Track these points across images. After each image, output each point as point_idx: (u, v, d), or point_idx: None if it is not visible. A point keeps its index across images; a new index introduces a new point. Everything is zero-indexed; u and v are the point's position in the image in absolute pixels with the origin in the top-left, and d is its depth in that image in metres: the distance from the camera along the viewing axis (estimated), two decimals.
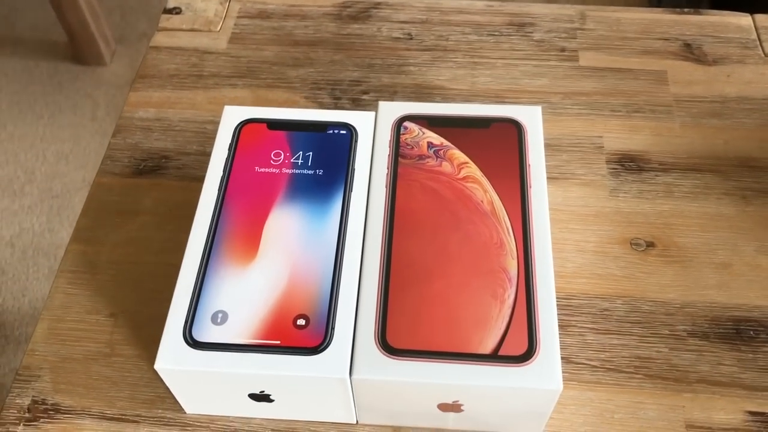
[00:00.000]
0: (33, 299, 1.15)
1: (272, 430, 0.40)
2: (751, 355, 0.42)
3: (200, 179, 0.50)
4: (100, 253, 0.47)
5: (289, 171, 0.42)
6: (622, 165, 0.50)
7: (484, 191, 0.41)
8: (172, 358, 0.36)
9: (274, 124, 0.44)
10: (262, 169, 0.42)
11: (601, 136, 0.52)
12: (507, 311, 0.36)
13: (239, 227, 0.40)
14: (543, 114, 0.53)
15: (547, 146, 0.51)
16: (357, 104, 0.54)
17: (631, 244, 0.47)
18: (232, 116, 0.45)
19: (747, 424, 0.40)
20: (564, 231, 0.47)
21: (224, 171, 0.42)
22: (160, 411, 0.41)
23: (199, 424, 0.40)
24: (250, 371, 0.35)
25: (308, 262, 0.38)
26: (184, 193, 0.50)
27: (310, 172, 0.42)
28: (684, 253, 0.46)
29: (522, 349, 0.35)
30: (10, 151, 1.34)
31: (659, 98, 0.54)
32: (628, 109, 0.54)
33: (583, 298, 0.44)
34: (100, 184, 0.51)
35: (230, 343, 0.36)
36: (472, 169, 0.42)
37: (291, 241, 0.39)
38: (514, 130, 0.43)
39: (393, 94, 0.55)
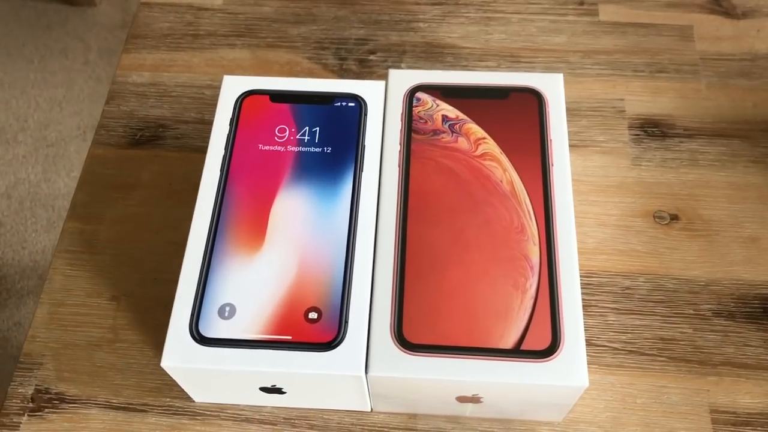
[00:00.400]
0: (33, 252, 1.14)
1: (284, 418, 0.39)
2: None
3: (200, 150, 0.47)
4: (98, 232, 0.45)
5: (295, 149, 0.39)
6: (645, 131, 0.48)
7: (504, 170, 0.38)
8: (179, 356, 0.34)
9: (277, 96, 0.41)
10: (266, 147, 0.40)
11: (622, 99, 0.49)
12: (529, 302, 0.35)
13: (244, 212, 0.37)
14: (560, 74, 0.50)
15: (567, 111, 0.48)
16: (364, 66, 0.51)
17: (654, 217, 0.45)
18: (232, 87, 0.42)
19: None
20: (584, 203, 0.45)
21: (226, 149, 0.39)
22: (168, 399, 0.40)
23: (209, 413, 0.39)
24: (260, 369, 0.34)
25: (318, 249, 0.36)
26: (184, 165, 0.47)
27: (317, 149, 0.39)
28: (709, 227, 0.44)
29: (545, 343, 0.34)
30: (0, 98, 1.30)
31: (684, 56, 0.51)
32: (652, 69, 0.50)
33: (604, 275, 0.43)
34: (94, 156, 0.48)
35: (239, 339, 0.34)
36: (490, 146, 0.39)
37: (299, 227, 0.37)
38: (534, 100, 0.41)
39: (402, 54, 0.52)
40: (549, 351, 0.33)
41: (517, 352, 0.33)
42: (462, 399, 0.36)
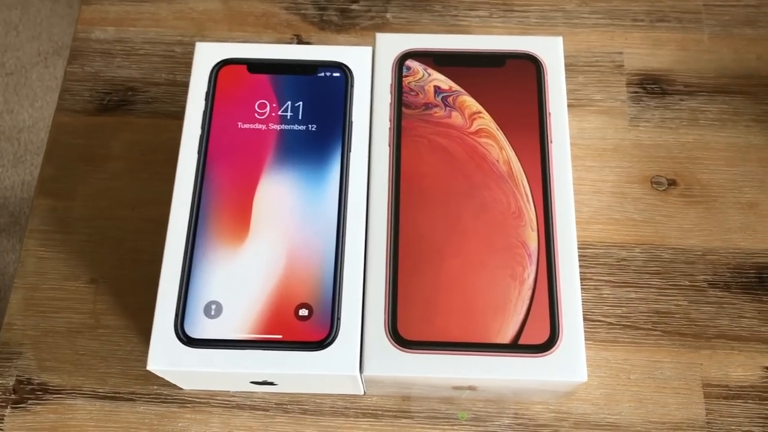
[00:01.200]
0: (2, 188, 1.10)
1: (276, 403, 0.38)
2: None
3: (173, 116, 0.44)
4: (71, 209, 0.43)
5: (277, 127, 0.37)
6: (644, 88, 0.45)
7: (500, 148, 0.36)
8: (166, 358, 0.33)
9: (255, 66, 0.38)
10: (247, 125, 0.37)
11: (621, 52, 0.46)
12: (527, 293, 0.33)
13: (226, 201, 0.35)
14: (557, 27, 0.47)
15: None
16: (346, 16, 0.48)
17: (651, 182, 0.43)
18: (205, 56, 0.38)
19: (764, 380, 0.39)
20: (580, 169, 0.43)
21: (203, 128, 0.37)
22: (155, 387, 0.39)
23: (198, 400, 0.38)
24: (251, 370, 0.32)
25: (306, 240, 0.34)
26: (157, 133, 0.44)
27: (301, 127, 0.37)
28: (708, 192, 0.43)
29: (544, 336, 0.33)
30: None
31: (687, 3, 0.48)
32: (652, 18, 0.47)
33: (599, 246, 0.42)
34: (60, 124, 0.45)
35: (227, 339, 0.33)
36: (486, 121, 0.37)
37: (285, 215, 0.35)
38: (532, 68, 0.38)
39: (386, 3, 0.48)
40: (547, 345, 0.33)
41: (515, 346, 0.33)
42: (458, 388, 0.35)
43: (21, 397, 0.38)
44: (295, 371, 0.32)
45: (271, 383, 0.35)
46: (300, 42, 0.47)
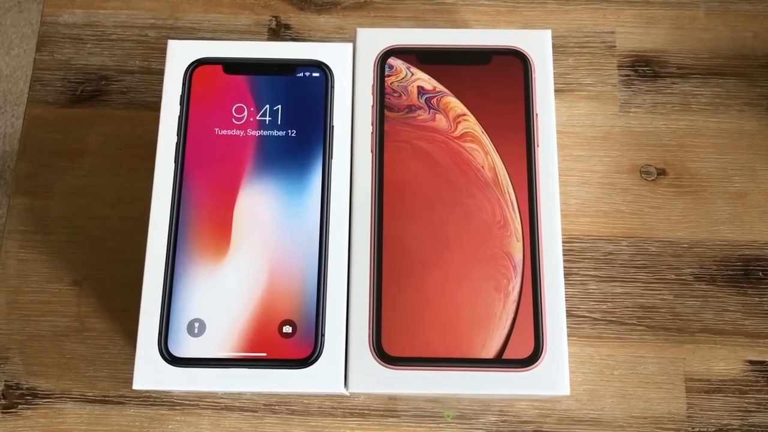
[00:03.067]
0: None
1: (264, 404, 0.39)
2: (756, 299, 0.40)
3: (149, 106, 0.43)
4: (48, 208, 0.42)
5: (256, 133, 0.36)
6: (636, 70, 0.44)
7: (485, 153, 0.35)
8: (151, 378, 0.33)
9: (231, 67, 0.37)
10: (224, 131, 0.36)
11: (613, 32, 0.45)
12: (512, 306, 0.33)
13: (205, 213, 0.34)
14: (548, 4, 0.45)
15: (553, 48, 0.44)
16: None
17: (641, 172, 0.42)
18: (178, 55, 0.37)
19: (746, 374, 0.39)
20: (568, 159, 0.42)
21: (179, 135, 0.35)
22: (145, 390, 0.39)
23: (187, 402, 0.39)
24: (235, 389, 0.33)
25: (288, 253, 0.34)
26: (133, 126, 0.43)
27: (280, 133, 0.36)
28: (697, 182, 0.42)
29: (528, 350, 0.33)
30: None
31: None
32: None
33: (586, 240, 0.41)
34: (33, 117, 0.43)
35: (211, 358, 0.33)
36: (471, 124, 0.36)
37: (267, 227, 0.34)
38: (519, 65, 0.37)
39: None
40: (531, 359, 0.33)
41: (499, 361, 0.33)
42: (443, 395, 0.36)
43: (11, 402, 0.39)
44: (280, 389, 0.32)
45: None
46: (279, 24, 0.45)
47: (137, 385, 0.33)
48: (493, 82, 0.36)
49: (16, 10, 1.15)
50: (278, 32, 0.45)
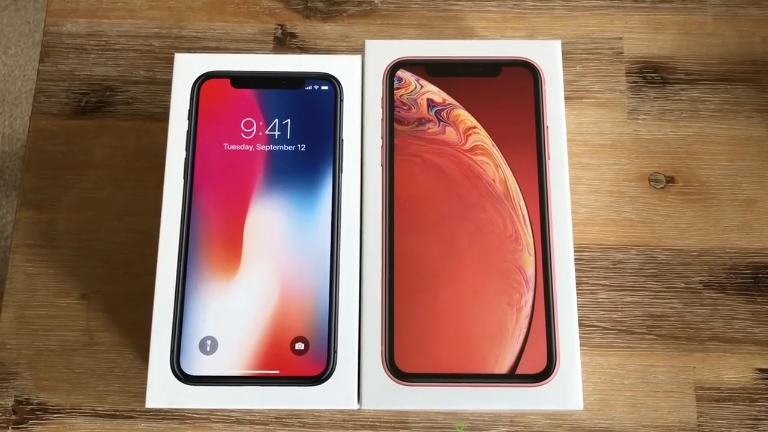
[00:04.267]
0: None
1: (275, 417, 0.39)
2: (766, 307, 0.40)
3: (155, 117, 0.43)
4: (55, 221, 0.41)
5: (265, 147, 0.35)
6: (644, 77, 0.44)
7: (496, 167, 0.35)
8: (164, 396, 0.33)
9: (239, 80, 0.36)
10: (233, 147, 0.35)
11: (620, 38, 0.44)
12: (524, 321, 0.33)
13: (216, 230, 0.34)
14: (555, 10, 0.45)
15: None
16: (332, 3, 0.45)
17: (649, 180, 0.42)
18: (185, 68, 0.36)
19: (755, 382, 0.39)
20: (577, 167, 0.42)
21: (187, 151, 0.35)
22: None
23: (198, 416, 0.39)
24: (249, 407, 0.33)
25: (300, 270, 0.34)
26: (139, 138, 0.43)
27: (290, 148, 0.35)
28: (706, 189, 0.42)
29: (541, 365, 0.33)
30: None
31: None
32: None
33: (596, 249, 0.41)
34: (38, 129, 0.43)
35: (224, 376, 0.33)
36: (481, 136, 0.35)
37: (277, 244, 0.34)
38: (528, 77, 0.36)
39: None
40: (544, 374, 0.33)
41: (512, 376, 0.33)
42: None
43: (21, 418, 0.39)
44: (293, 406, 0.32)
45: None
46: (284, 33, 0.44)
47: (150, 403, 0.33)
48: (503, 94, 0.36)
49: (12, 8, 1.14)
50: (284, 41, 0.44)
